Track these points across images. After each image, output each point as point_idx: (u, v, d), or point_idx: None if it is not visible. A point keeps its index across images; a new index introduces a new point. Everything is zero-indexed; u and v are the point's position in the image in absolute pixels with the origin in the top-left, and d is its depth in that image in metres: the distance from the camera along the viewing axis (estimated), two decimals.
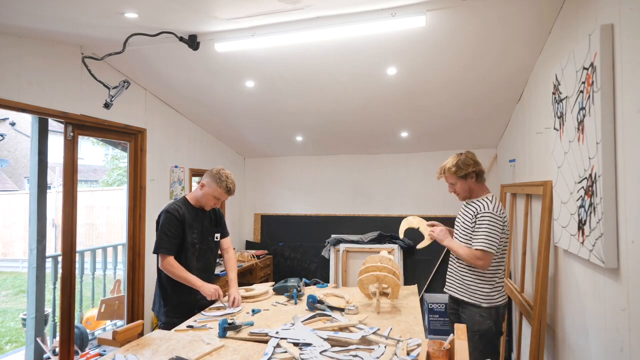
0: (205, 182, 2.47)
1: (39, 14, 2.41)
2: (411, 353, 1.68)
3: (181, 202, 2.49)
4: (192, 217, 2.47)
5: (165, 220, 2.39)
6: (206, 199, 2.48)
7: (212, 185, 2.45)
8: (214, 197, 2.47)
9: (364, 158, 5.31)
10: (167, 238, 2.36)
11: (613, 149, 1.54)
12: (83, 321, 4.29)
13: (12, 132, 14.29)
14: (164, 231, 2.37)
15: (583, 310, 1.92)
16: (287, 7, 2.41)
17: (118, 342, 1.82)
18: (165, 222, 2.38)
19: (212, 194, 2.46)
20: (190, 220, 2.46)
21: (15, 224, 10.41)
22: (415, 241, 5.00)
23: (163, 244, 2.36)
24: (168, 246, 2.36)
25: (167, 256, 2.35)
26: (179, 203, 2.48)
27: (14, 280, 8.88)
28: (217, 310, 2.38)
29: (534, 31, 2.50)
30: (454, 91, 3.41)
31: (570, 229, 1.94)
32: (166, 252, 2.35)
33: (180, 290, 2.41)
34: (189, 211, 2.47)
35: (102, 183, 15.43)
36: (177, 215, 2.40)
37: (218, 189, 2.44)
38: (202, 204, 2.52)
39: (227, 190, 2.46)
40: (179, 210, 2.43)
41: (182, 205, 2.47)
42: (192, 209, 2.50)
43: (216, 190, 2.45)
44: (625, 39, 1.46)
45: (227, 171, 2.50)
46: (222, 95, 3.86)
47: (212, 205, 2.52)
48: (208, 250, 2.60)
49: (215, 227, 2.65)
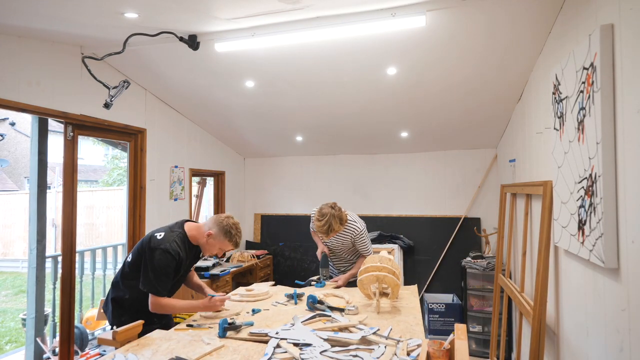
0: (214, 232, 2.30)
1: (39, 14, 2.41)
2: (411, 353, 1.68)
3: (181, 241, 2.27)
4: (186, 255, 2.32)
5: (165, 262, 2.17)
6: (210, 248, 2.34)
7: (219, 238, 2.30)
8: (219, 249, 2.35)
9: (364, 158, 5.31)
10: (167, 280, 2.20)
11: (613, 149, 1.54)
12: (83, 321, 4.29)
13: (12, 132, 14.29)
14: (164, 272, 2.17)
15: (583, 310, 1.92)
16: (287, 7, 2.41)
17: (118, 342, 1.82)
18: (165, 263, 2.17)
19: (219, 246, 2.33)
20: (184, 259, 2.30)
21: (15, 224, 10.42)
22: (416, 241, 5.01)
23: (163, 285, 2.18)
24: (167, 287, 2.22)
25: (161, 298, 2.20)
26: (179, 242, 2.25)
27: (14, 280, 8.88)
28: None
29: (534, 31, 2.50)
30: (454, 91, 3.41)
31: (570, 229, 1.94)
32: (165, 295, 2.21)
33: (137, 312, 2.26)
34: (186, 250, 2.30)
35: (102, 183, 15.43)
36: (177, 258, 2.22)
37: (226, 243, 2.32)
38: (202, 248, 2.37)
39: (236, 245, 2.35)
40: (180, 252, 2.23)
41: (182, 245, 2.27)
42: (189, 247, 2.33)
43: (224, 244, 2.32)
44: (625, 39, 1.46)
45: (235, 221, 2.35)
46: (222, 95, 3.86)
47: (213, 253, 2.38)
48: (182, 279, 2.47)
49: (197, 259, 2.52)
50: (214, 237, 2.30)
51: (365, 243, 3.02)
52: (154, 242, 2.21)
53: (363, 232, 3.00)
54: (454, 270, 4.80)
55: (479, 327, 4.13)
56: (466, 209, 4.86)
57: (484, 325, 4.10)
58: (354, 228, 2.98)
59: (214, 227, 2.30)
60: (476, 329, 4.14)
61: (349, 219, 2.98)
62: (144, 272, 2.19)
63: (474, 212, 4.87)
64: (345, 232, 2.99)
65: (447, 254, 4.89)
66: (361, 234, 2.99)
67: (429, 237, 4.98)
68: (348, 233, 2.99)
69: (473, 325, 4.15)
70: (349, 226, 2.98)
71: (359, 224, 3.01)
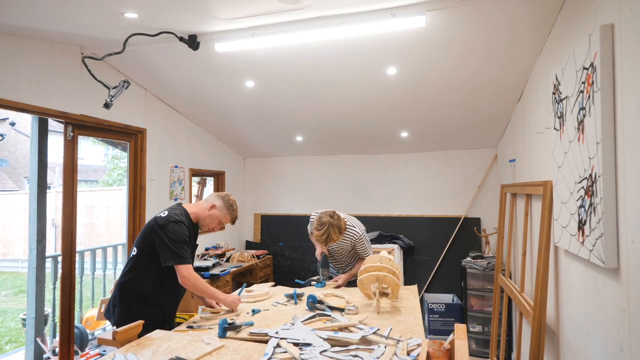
0: (218, 204, 2.36)
1: (39, 14, 2.41)
2: (411, 353, 1.67)
3: (183, 215, 2.27)
4: (191, 231, 2.31)
5: (181, 231, 2.17)
6: (211, 221, 2.36)
7: (223, 210, 2.37)
8: (219, 222, 2.39)
9: (364, 158, 5.31)
10: (188, 247, 2.18)
11: (613, 149, 1.54)
12: (83, 321, 4.29)
13: (12, 132, 14.28)
14: (183, 240, 2.16)
15: (583, 310, 1.92)
16: (287, 7, 2.41)
17: (118, 342, 1.82)
18: (181, 232, 2.17)
19: (220, 218, 2.37)
20: (192, 234, 2.31)
21: (15, 224, 10.41)
22: (416, 241, 5.01)
23: (186, 253, 2.15)
24: (190, 256, 2.20)
25: (190, 266, 2.17)
26: (182, 216, 2.25)
27: (14, 280, 8.88)
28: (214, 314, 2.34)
29: (534, 31, 2.50)
30: (454, 91, 3.41)
31: (571, 229, 1.94)
32: (190, 262, 2.18)
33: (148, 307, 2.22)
34: (190, 225, 2.29)
35: (102, 183, 15.43)
36: (187, 227, 2.23)
37: (227, 217, 2.39)
38: (201, 223, 2.37)
39: (233, 220, 2.42)
40: (187, 225, 2.24)
41: (187, 219, 2.28)
42: (191, 224, 2.32)
43: (225, 217, 2.38)
44: (625, 39, 1.46)
45: (234, 198, 2.45)
46: (222, 96, 3.86)
47: (211, 228, 2.40)
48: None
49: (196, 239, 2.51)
50: (218, 209, 2.36)
51: (365, 247, 3.02)
52: (162, 220, 2.19)
53: (362, 236, 2.99)
54: (454, 270, 4.79)
55: (479, 327, 4.13)
56: (466, 209, 4.86)
57: (484, 325, 4.10)
58: (353, 233, 2.97)
59: (217, 201, 2.38)
60: (476, 329, 4.14)
61: (348, 224, 2.95)
62: (163, 248, 2.13)
63: (474, 212, 4.87)
64: (344, 237, 2.96)
65: (447, 254, 4.89)
66: (361, 238, 2.98)
67: (429, 237, 4.98)
68: (347, 238, 2.98)
69: (473, 325, 4.15)
70: (348, 231, 2.96)
71: (358, 228, 2.99)
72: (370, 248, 3.09)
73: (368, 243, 3.06)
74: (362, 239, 2.99)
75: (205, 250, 4.82)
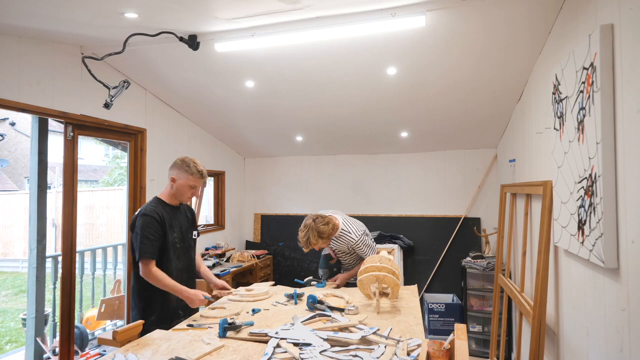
0: (175, 174, 2.37)
1: (39, 14, 2.41)
2: (411, 353, 1.68)
3: (156, 203, 2.36)
4: (170, 216, 2.37)
5: (145, 224, 2.24)
6: (182, 192, 2.38)
7: (182, 175, 2.36)
8: (190, 187, 2.38)
9: (364, 158, 5.31)
10: (150, 242, 2.22)
11: (613, 149, 1.54)
12: (83, 321, 4.29)
13: (12, 132, 14.28)
14: (145, 235, 2.22)
15: (583, 310, 1.92)
16: (287, 7, 2.41)
17: (118, 342, 1.82)
18: (145, 225, 2.24)
19: (186, 184, 2.37)
20: (169, 219, 2.36)
21: (15, 224, 10.41)
22: (416, 241, 5.01)
23: (147, 248, 2.21)
24: (152, 251, 2.23)
25: (151, 262, 2.23)
26: (153, 204, 2.35)
27: (14, 280, 8.88)
28: (213, 310, 2.37)
29: (534, 31, 2.50)
30: (454, 91, 3.41)
31: (570, 229, 1.94)
32: (151, 257, 2.23)
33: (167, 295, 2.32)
34: (166, 211, 2.36)
35: (102, 183, 15.44)
36: (157, 217, 2.28)
37: (190, 177, 2.36)
38: (178, 199, 2.43)
39: (200, 175, 2.38)
40: (157, 211, 2.30)
41: (159, 206, 2.35)
42: (168, 208, 2.39)
43: (189, 179, 2.36)
44: (625, 39, 1.46)
45: (191, 157, 2.43)
46: (222, 95, 3.86)
47: (190, 196, 2.42)
48: (188, 249, 2.51)
49: (193, 224, 2.59)
50: (178, 179, 2.37)
51: (365, 252, 2.97)
52: (133, 218, 2.32)
53: (359, 241, 2.92)
54: (454, 270, 4.80)
55: (479, 327, 4.13)
56: (466, 209, 4.86)
57: (484, 325, 4.10)
58: (348, 239, 2.93)
59: (173, 172, 2.39)
60: (476, 329, 4.14)
61: (343, 230, 2.93)
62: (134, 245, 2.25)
63: (474, 212, 4.87)
64: (339, 241, 2.97)
65: (447, 254, 4.89)
66: (357, 244, 2.93)
67: (429, 237, 4.98)
68: (343, 242, 2.96)
69: (473, 325, 4.15)
70: (343, 237, 2.94)
71: (354, 234, 2.92)
72: (372, 250, 3.01)
73: (368, 247, 2.98)
74: (360, 243, 2.93)
75: (205, 250, 4.82)
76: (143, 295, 2.33)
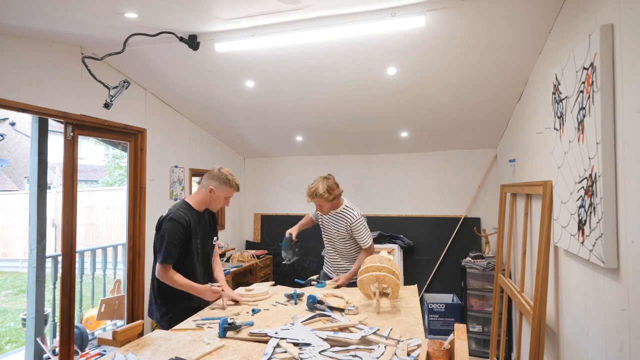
0: (214, 186, 2.45)
1: (39, 14, 2.41)
2: (411, 353, 1.67)
3: (185, 208, 2.43)
4: (195, 222, 2.44)
5: (173, 229, 2.31)
6: (217, 202, 2.50)
7: (222, 187, 2.46)
8: (225, 199, 2.51)
9: (364, 158, 5.31)
10: (174, 248, 2.30)
11: (613, 149, 1.54)
12: (83, 321, 4.29)
13: (12, 132, 14.29)
14: (171, 240, 2.29)
15: (583, 310, 1.92)
16: (287, 7, 2.41)
17: (118, 342, 1.82)
18: (173, 230, 2.30)
19: (224, 195, 2.49)
20: (194, 225, 2.42)
21: (15, 224, 10.42)
22: (416, 241, 5.01)
23: (171, 254, 2.29)
24: (174, 256, 2.31)
25: (170, 265, 2.30)
26: (183, 209, 2.41)
27: (14, 280, 8.88)
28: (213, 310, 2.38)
29: (534, 31, 2.50)
30: (454, 91, 3.40)
31: (570, 229, 1.94)
32: (172, 262, 2.30)
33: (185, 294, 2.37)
34: (193, 217, 2.43)
35: (102, 183, 15.44)
36: (184, 224, 2.35)
37: (229, 190, 2.48)
38: (210, 207, 2.53)
39: (238, 188, 2.52)
40: (185, 218, 2.37)
41: (187, 212, 2.41)
42: (195, 214, 2.46)
43: (228, 192, 2.49)
44: (625, 39, 1.46)
45: (227, 169, 2.52)
46: (222, 95, 3.86)
47: (222, 206, 2.55)
48: (209, 255, 2.61)
49: (214, 230, 2.64)
50: (216, 190, 2.45)
51: (362, 234, 2.97)
52: (162, 218, 2.38)
53: (359, 220, 2.96)
54: (454, 270, 4.79)
55: (479, 327, 4.13)
56: (466, 209, 4.86)
57: (484, 325, 4.10)
58: (349, 214, 2.97)
59: (212, 182, 2.46)
60: (476, 329, 4.14)
61: (346, 206, 3.01)
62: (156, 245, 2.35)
63: (474, 212, 4.87)
64: (340, 217, 3.00)
65: (447, 254, 4.89)
66: (357, 223, 2.95)
67: (429, 237, 4.98)
68: (342, 219, 2.99)
69: (473, 325, 4.15)
70: (344, 212, 2.99)
71: (356, 212, 2.99)
72: (369, 237, 3.01)
73: (366, 231, 3.00)
74: (359, 223, 2.96)
75: None
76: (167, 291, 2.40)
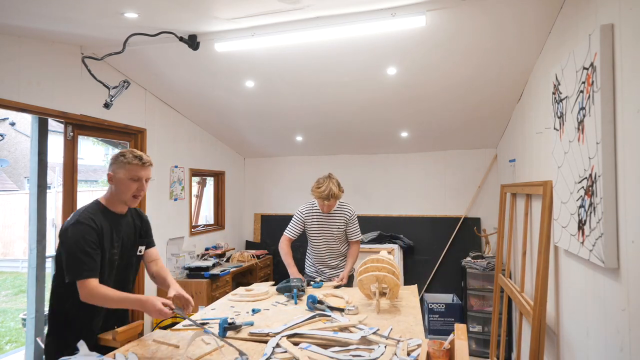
0: (110, 171, 1.90)
1: (39, 14, 2.41)
2: (411, 353, 1.67)
3: (95, 209, 1.87)
4: (110, 226, 1.88)
5: (80, 234, 1.74)
6: (125, 189, 1.89)
7: (119, 169, 1.88)
8: (132, 181, 1.89)
9: (364, 158, 5.31)
10: (88, 257, 1.73)
11: (613, 149, 1.54)
12: None
13: (12, 132, 14.28)
14: (80, 249, 1.72)
15: (583, 310, 1.92)
16: (287, 7, 2.41)
17: (118, 342, 1.82)
18: (80, 235, 1.74)
19: (126, 177, 1.87)
20: (108, 230, 1.86)
21: (15, 224, 10.41)
22: (416, 241, 5.01)
23: (85, 265, 1.71)
24: (93, 267, 1.74)
25: (93, 280, 1.72)
26: (92, 210, 1.85)
27: (14, 280, 8.88)
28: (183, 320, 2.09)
29: (534, 31, 2.50)
30: (454, 91, 3.41)
31: (570, 229, 1.94)
32: (93, 275, 1.73)
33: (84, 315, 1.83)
34: (106, 219, 1.87)
35: (102, 183, 15.43)
36: (94, 226, 1.78)
37: (129, 166, 1.87)
38: (123, 200, 1.92)
39: (139, 159, 1.89)
40: (94, 218, 1.81)
41: (97, 212, 1.86)
42: (110, 215, 1.90)
43: (128, 170, 1.87)
44: (625, 39, 1.46)
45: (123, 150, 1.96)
46: (222, 95, 3.86)
47: (135, 192, 1.92)
48: (128, 267, 2.01)
49: (141, 237, 2.08)
50: (115, 172, 1.89)
51: (357, 225, 3.17)
52: (64, 226, 1.82)
53: (355, 214, 3.16)
54: (454, 270, 4.79)
55: (479, 327, 4.13)
56: (466, 209, 4.86)
57: (484, 325, 4.10)
58: (347, 208, 3.14)
59: (109, 169, 1.92)
60: (476, 329, 4.14)
61: (342, 202, 3.16)
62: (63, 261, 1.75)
63: (474, 212, 4.87)
64: (338, 212, 3.11)
65: (447, 254, 4.89)
66: (354, 215, 3.15)
67: (429, 237, 4.98)
68: (341, 213, 3.11)
69: (473, 325, 4.15)
70: (342, 207, 3.13)
71: (352, 206, 3.20)
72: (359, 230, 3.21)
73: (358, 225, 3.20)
74: (355, 216, 3.15)
75: (205, 250, 4.82)
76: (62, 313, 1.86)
